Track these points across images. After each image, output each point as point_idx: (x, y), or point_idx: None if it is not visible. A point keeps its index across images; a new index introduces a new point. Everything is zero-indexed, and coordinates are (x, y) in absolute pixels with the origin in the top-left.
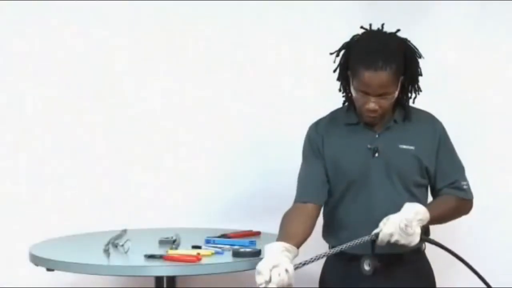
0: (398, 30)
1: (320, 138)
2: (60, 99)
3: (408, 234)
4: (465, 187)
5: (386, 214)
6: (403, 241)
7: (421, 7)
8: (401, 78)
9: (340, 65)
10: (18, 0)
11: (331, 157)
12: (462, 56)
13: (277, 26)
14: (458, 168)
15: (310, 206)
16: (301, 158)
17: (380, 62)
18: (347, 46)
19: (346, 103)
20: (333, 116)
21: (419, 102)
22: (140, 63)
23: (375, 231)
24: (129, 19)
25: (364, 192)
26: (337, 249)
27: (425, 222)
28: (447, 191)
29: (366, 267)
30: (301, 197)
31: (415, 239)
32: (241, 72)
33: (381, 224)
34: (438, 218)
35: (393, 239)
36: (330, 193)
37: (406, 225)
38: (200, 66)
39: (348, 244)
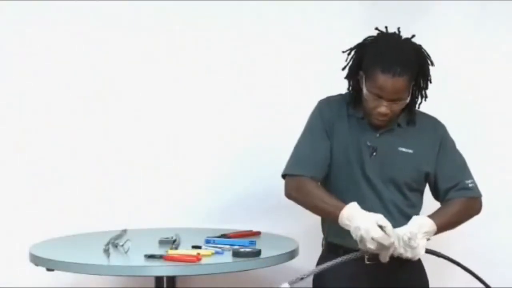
0: (414, 36)
1: (332, 121)
2: (60, 99)
3: (412, 247)
4: (470, 185)
5: (379, 211)
6: (407, 254)
7: (421, 7)
8: (412, 85)
9: (351, 64)
10: (18, 0)
11: (334, 145)
12: (462, 56)
13: (277, 26)
14: (460, 168)
15: (316, 183)
16: (305, 127)
17: (398, 68)
18: (360, 46)
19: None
20: (343, 103)
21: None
22: (140, 63)
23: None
24: (129, 19)
25: (358, 187)
26: (341, 259)
27: (432, 234)
28: (453, 194)
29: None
30: (310, 172)
31: (419, 252)
32: (241, 72)
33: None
34: (446, 225)
35: (396, 253)
36: (328, 183)
37: (409, 238)
38: (200, 66)
39: (352, 255)
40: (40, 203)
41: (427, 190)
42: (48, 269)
